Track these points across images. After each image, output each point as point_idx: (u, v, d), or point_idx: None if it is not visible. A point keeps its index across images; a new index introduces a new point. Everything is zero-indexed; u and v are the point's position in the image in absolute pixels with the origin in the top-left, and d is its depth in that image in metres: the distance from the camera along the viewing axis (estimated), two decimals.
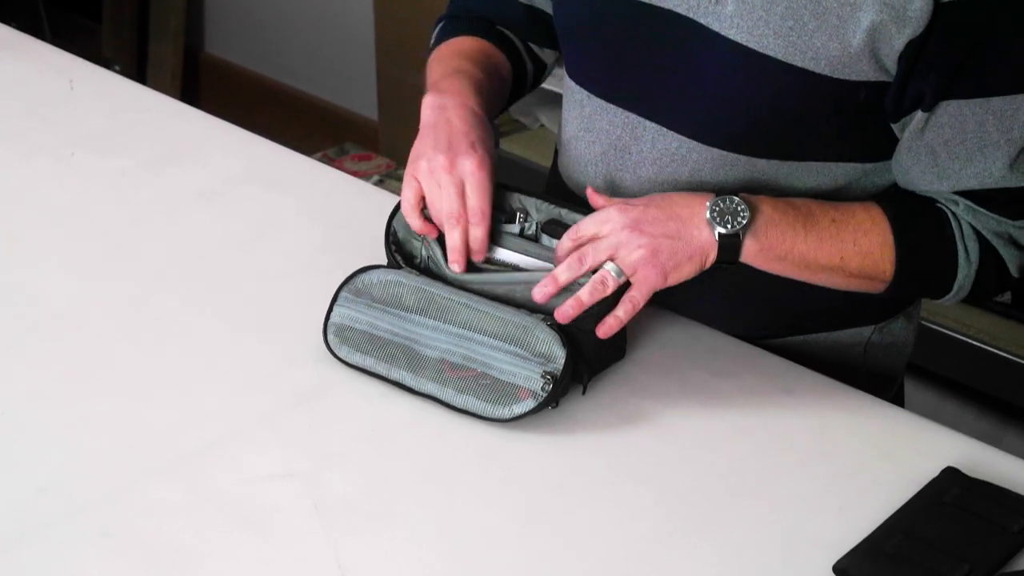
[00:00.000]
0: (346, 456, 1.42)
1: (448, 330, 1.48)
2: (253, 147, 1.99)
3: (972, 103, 1.41)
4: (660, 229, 1.43)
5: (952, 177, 1.45)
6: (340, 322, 1.53)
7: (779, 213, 1.46)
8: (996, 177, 1.44)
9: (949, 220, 1.48)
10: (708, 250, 1.44)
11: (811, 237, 1.47)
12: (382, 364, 1.50)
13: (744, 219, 1.44)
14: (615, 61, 1.55)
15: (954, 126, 1.42)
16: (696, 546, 1.33)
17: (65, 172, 1.91)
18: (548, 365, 1.44)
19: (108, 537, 1.32)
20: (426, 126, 1.53)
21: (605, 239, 1.44)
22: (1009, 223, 1.47)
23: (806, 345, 1.63)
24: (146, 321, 1.61)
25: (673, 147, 1.53)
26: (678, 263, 1.44)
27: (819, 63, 1.42)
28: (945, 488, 1.37)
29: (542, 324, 1.45)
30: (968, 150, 1.43)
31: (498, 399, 1.45)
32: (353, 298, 1.53)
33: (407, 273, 1.53)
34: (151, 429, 1.45)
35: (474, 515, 1.36)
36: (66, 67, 2.20)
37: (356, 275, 1.54)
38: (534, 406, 1.44)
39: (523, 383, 1.44)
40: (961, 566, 1.28)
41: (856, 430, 1.48)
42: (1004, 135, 1.41)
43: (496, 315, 1.47)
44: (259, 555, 1.30)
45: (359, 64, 3.90)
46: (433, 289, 1.50)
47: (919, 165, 1.47)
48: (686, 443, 1.46)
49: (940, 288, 1.51)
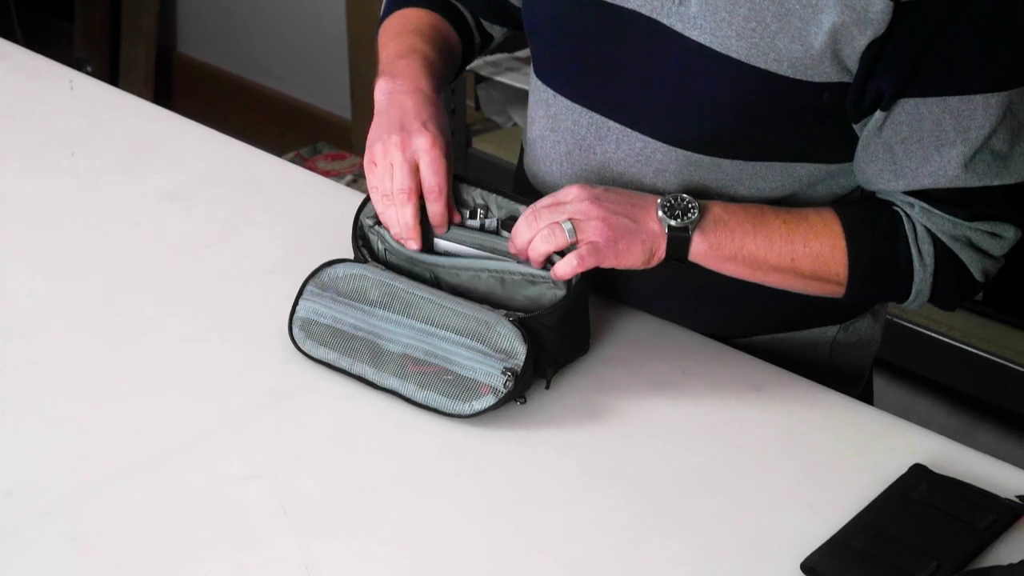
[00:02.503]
0: (313, 457, 1.42)
1: (411, 325, 1.48)
2: (223, 148, 1.98)
3: (929, 101, 1.41)
4: (618, 208, 1.45)
5: (908, 175, 1.46)
6: (305, 316, 1.53)
7: (728, 213, 1.47)
8: (951, 176, 1.44)
9: (903, 222, 1.48)
10: (658, 242, 1.45)
11: (760, 237, 1.47)
12: (345, 359, 1.50)
13: (693, 215, 1.45)
14: (580, 61, 1.55)
15: (911, 124, 1.43)
16: (664, 544, 1.33)
17: (32, 172, 1.90)
18: (509, 361, 1.44)
19: (76, 540, 1.31)
20: (379, 111, 1.55)
21: (565, 205, 1.45)
22: (965, 225, 1.47)
23: (772, 344, 1.63)
24: (113, 322, 1.61)
25: (638, 147, 1.53)
26: (629, 245, 1.45)
27: (782, 64, 1.42)
28: (913, 485, 1.38)
29: (504, 320, 1.45)
30: (924, 149, 1.44)
31: (459, 395, 1.45)
32: (319, 292, 1.53)
33: (372, 267, 1.53)
34: (118, 431, 1.45)
35: (442, 514, 1.36)
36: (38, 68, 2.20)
37: (322, 268, 1.54)
38: (494, 402, 1.44)
39: (484, 379, 1.44)
40: (929, 563, 1.28)
41: (824, 427, 1.48)
42: (960, 135, 1.42)
43: (458, 310, 1.47)
44: (227, 557, 1.30)
45: (332, 63, 3.89)
46: (397, 283, 1.50)
47: (876, 163, 1.47)
48: (653, 440, 1.46)
49: (898, 291, 1.51)
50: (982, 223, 1.47)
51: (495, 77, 3.11)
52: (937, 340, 2.61)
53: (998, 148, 1.43)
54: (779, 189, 1.52)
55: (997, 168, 1.44)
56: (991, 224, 1.48)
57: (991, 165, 1.44)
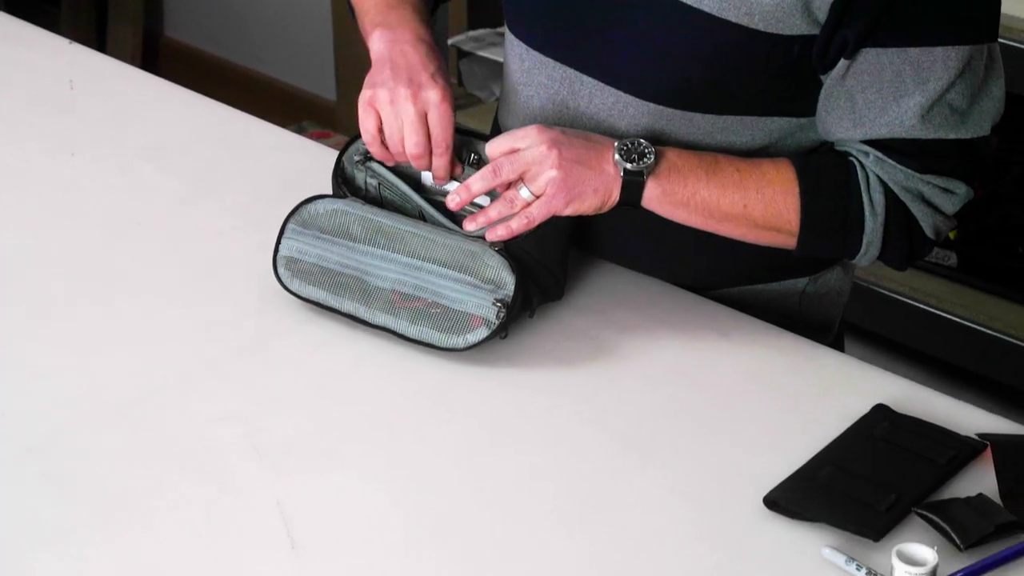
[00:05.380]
0: (290, 401, 1.45)
1: (398, 260, 1.50)
2: (204, 108, 2.00)
3: (890, 52, 1.43)
4: (574, 154, 1.46)
5: (867, 124, 1.48)
6: (289, 254, 1.54)
7: (682, 160, 1.49)
8: (907, 127, 1.46)
9: (856, 171, 1.50)
10: (612, 185, 1.47)
11: (713, 184, 1.49)
12: (334, 297, 1.52)
13: (649, 159, 1.47)
14: (553, 15, 1.57)
15: (872, 73, 1.45)
16: (634, 481, 1.36)
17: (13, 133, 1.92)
18: (498, 292, 1.46)
19: (51, 479, 1.34)
20: (380, 59, 1.55)
21: (523, 152, 1.47)
22: (917, 176, 1.49)
23: (742, 296, 1.65)
24: (92, 272, 1.63)
25: (610, 102, 1.55)
26: (583, 192, 1.47)
27: (753, 18, 1.44)
28: (875, 423, 1.40)
29: (490, 250, 1.47)
30: (884, 98, 1.46)
31: (451, 327, 1.47)
32: (301, 230, 1.54)
33: (352, 202, 1.54)
34: (95, 376, 1.47)
35: (415, 455, 1.38)
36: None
37: (302, 205, 1.55)
38: (488, 334, 1.46)
39: (475, 311, 1.47)
40: (888, 495, 1.31)
41: (791, 370, 1.51)
42: (919, 86, 1.44)
43: (444, 243, 1.49)
44: (201, 496, 1.32)
45: (317, 44, 3.91)
46: (379, 218, 1.52)
47: (837, 112, 1.49)
48: (623, 383, 1.48)
49: (848, 243, 1.52)
50: (935, 177, 1.49)
51: (477, 52, 3.13)
52: (913, 306, 2.64)
53: (956, 103, 1.45)
54: (750, 142, 1.55)
55: (954, 122, 1.46)
56: (943, 180, 1.49)
57: (948, 118, 1.46)
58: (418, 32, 1.58)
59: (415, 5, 1.62)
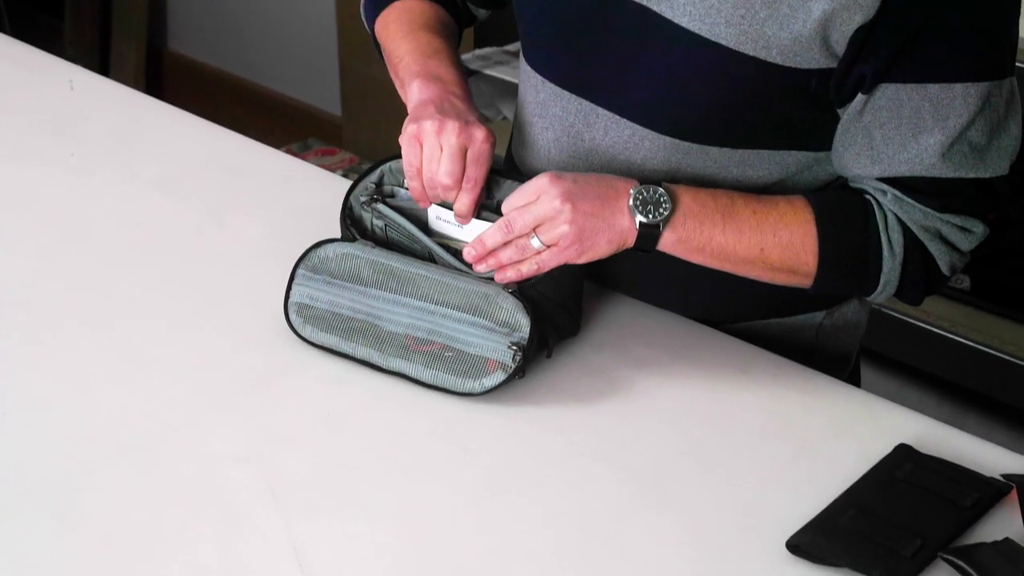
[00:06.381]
0: (303, 439, 1.43)
1: (410, 303, 1.49)
2: (211, 136, 1.99)
3: (909, 88, 1.42)
4: (588, 206, 1.44)
5: (885, 161, 1.46)
6: (300, 300, 1.53)
7: (698, 204, 1.47)
8: (927, 165, 1.44)
9: (873, 210, 1.49)
10: (627, 236, 1.46)
11: (730, 228, 1.47)
12: (346, 343, 1.50)
13: (666, 210, 1.45)
14: (569, 47, 1.56)
15: (891, 110, 1.43)
16: (652, 523, 1.34)
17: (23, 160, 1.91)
18: (514, 335, 1.45)
19: (62, 520, 1.32)
20: (427, 100, 1.54)
21: (535, 205, 1.44)
22: (936, 215, 1.47)
23: (759, 330, 1.64)
24: (103, 304, 1.62)
25: (626, 135, 1.54)
26: (595, 243, 1.45)
27: (770, 51, 1.43)
28: (898, 464, 1.39)
29: (504, 292, 1.46)
30: (902, 135, 1.44)
31: (467, 371, 1.45)
32: (311, 275, 1.53)
33: (361, 245, 1.53)
34: (107, 413, 1.45)
35: (430, 495, 1.37)
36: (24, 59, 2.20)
37: (311, 251, 1.54)
38: (504, 378, 1.44)
39: (491, 354, 1.45)
40: (914, 540, 1.29)
41: (811, 408, 1.49)
42: (939, 123, 1.42)
43: (456, 286, 1.48)
44: (214, 537, 1.30)
45: (322, 60, 3.90)
46: (390, 262, 1.50)
47: (854, 148, 1.48)
48: (642, 421, 1.47)
49: (866, 282, 1.50)
50: (953, 215, 1.48)
51: (485, 71, 3.12)
52: (926, 330, 2.62)
53: (976, 140, 1.44)
54: (767, 176, 1.53)
55: (973, 160, 1.45)
56: (962, 218, 1.48)
57: (968, 156, 1.44)
58: (460, 82, 1.58)
59: (450, 53, 1.62)
